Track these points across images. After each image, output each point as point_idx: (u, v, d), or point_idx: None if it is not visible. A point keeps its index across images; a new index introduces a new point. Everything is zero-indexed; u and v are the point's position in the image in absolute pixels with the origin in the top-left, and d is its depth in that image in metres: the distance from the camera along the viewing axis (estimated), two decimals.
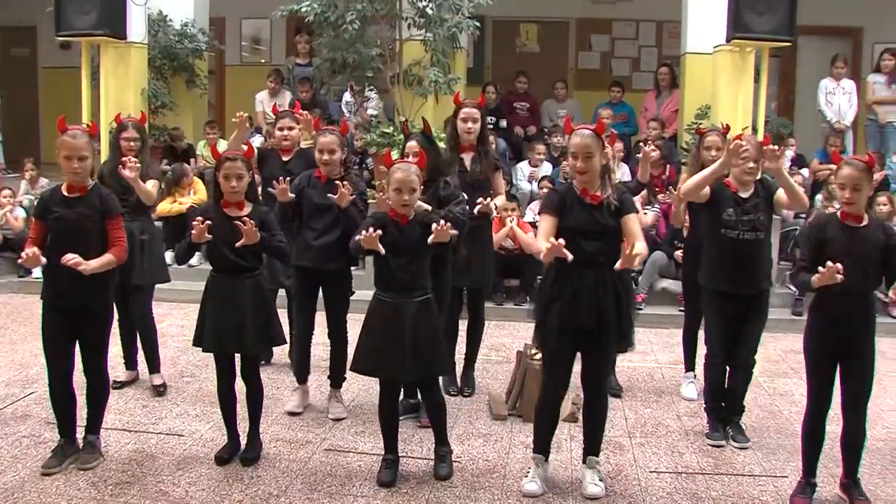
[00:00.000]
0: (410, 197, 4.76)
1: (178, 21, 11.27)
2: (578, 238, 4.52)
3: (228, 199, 4.94)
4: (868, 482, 4.93)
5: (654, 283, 9.16)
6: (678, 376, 6.72)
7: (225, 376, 5.09)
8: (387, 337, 4.75)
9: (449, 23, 9.58)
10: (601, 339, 4.64)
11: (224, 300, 4.92)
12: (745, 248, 5.40)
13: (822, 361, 4.68)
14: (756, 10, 9.03)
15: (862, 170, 4.52)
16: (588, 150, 4.53)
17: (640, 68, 14.59)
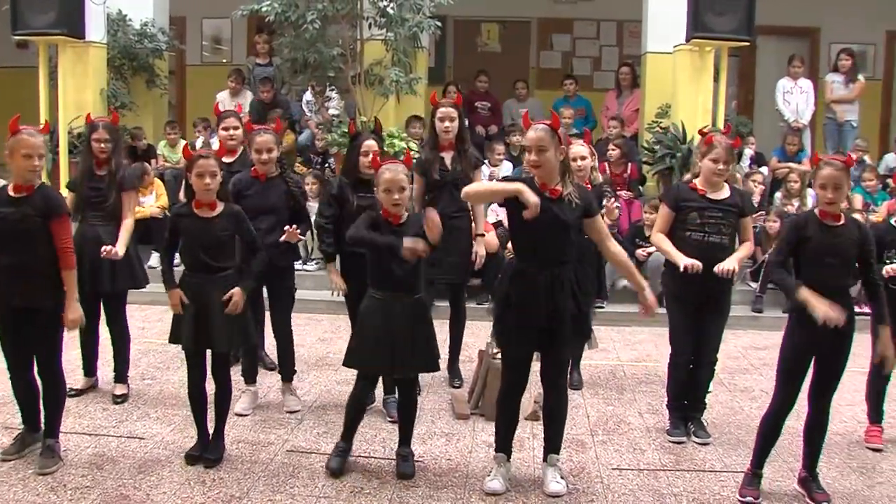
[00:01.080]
0: (401, 196, 4.77)
1: (138, 21, 11.20)
2: (533, 232, 4.57)
3: (201, 198, 4.92)
4: (826, 476, 4.99)
5: (615, 281, 9.21)
6: (640, 374, 6.77)
7: (196, 375, 5.08)
8: (381, 335, 4.78)
9: (410, 22, 9.60)
10: (559, 338, 4.67)
11: (198, 299, 4.92)
12: (710, 249, 5.42)
13: (799, 362, 4.71)
14: (715, 11, 9.13)
15: (841, 169, 4.58)
16: (541, 143, 4.55)
17: (601, 67, 14.69)
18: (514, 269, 4.69)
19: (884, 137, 13.97)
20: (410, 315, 4.81)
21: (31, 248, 4.69)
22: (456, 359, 6.65)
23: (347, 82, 9.95)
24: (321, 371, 6.86)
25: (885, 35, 14.22)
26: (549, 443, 4.92)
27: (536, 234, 4.58)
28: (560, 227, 4.59)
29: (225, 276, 4.96)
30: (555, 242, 4.60)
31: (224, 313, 4.91)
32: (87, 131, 6.09)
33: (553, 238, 4.59)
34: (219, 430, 5.15)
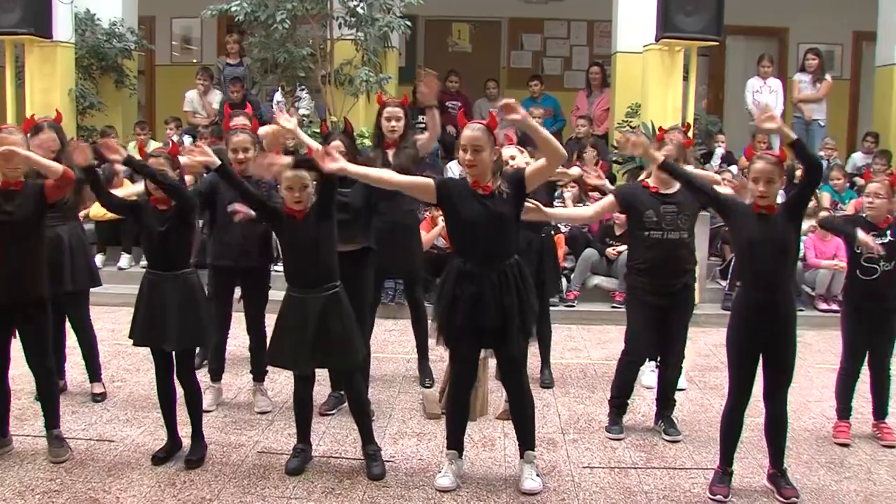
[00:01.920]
0: (301, 194, 4.78)
1: (107, 20, 11.13)
2: (471, 231, 4.60)
3: (156, 194, 4.91)
4: (795, 471, 5.04)
5: (586, 280, 9.25)
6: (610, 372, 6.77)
7: (162, 374, 5.09)
8: (294, 330, 4.81)
9: (380, 22, 9.59)
10: (506, 337, 4.68)
11: (153, 296, 4.93)
12: (668, 246, 5.47)
13: (744, 353, 4.76)
14: (684, 11, 9.16)
15: (774, 163, 4.62)
16: (477, 142, 4.56)
17: (571, 67, 14.73)
18: (457, 269, 4.68)
19: (851, 136, 14.09)
20: (321, 309, 4.80)
21: (26, 244, 4.86)
22: (425, 358, 6.66)
23: (317, 82, 9.93)
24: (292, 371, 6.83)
25: (852, 35, 14.33)
26: (521, 440, 4.94)
27: (476, 233, 4.60)
28: (498, 221, 4.61)
29: (184, 274, 4.96)
30: (497, 239, 4.63)
31: (178, 312, 4.90)
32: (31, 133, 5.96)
33: (493, 234, 4.61)
34: (196, 430, 5.14)
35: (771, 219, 4.65)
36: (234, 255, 5.80)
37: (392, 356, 7.42)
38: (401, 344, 7.78)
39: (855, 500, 4.84)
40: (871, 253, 5.43)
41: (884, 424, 5.78)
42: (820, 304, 9.28)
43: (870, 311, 5.57)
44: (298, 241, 4.85)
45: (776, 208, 4.67)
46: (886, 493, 4.94)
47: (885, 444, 5.66)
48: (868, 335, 5.63)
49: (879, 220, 5.54)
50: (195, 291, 5.01)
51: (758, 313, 4.68)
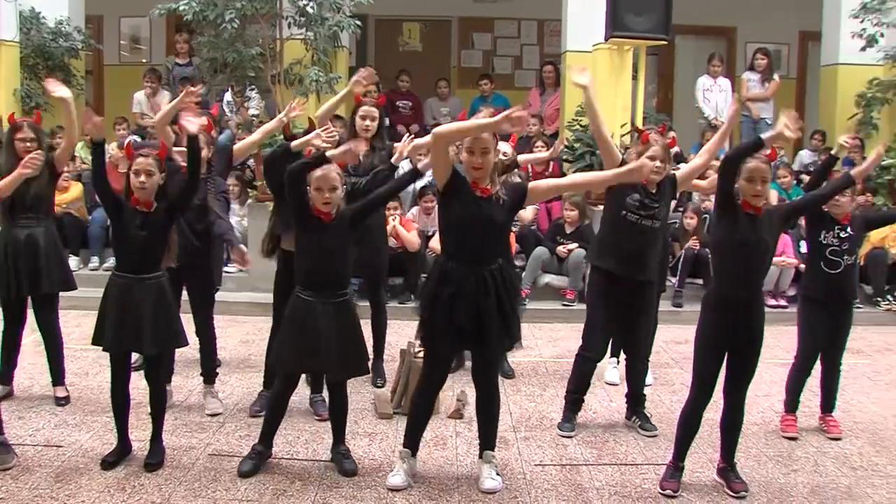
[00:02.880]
0: (331, 195, 4.75)
1: (52, 19, 10.96)
2: (463, 231, 4.61)
3: (138, 195, 4.85)
4: (744, 465, 5.10)
5: (537, 279, 9.29)
6: (562, 370, 6.82)
7: (120, 378, 5.02)
8: (305, 335, 4.79)
9: (330, 22, 9.55)
10: (486, 338, 4.70)
11: (124, 300, 4.86)
12: (642, 232, 5.50)
13: (715, 351, 4.81)
14: (633, 10, 9.22)
15: (766, 162, 4.70)
16: (485, 145, 4.58)
17: (522, 66, 14.79)
18: (441, 268, 4.70)
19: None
20: (334, 315, 4.81)
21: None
22: (379, 358, 6.66)
23: (267, 82, 9.87)
24: (243, 373, 6.80)
25: (799, 35, 14.53)
26: (483, 440, 4.96)
27: (468, 234, 4.61)
28: (492, 226, 4.64)
29: (155, 278, 4.91)
30: (485, 242, 4.65)
31: (153, 315, 4.85)
32: (9, 132, 5.89)
33: (484, 237, 4.64)
34: (157, 433, 5.10)
35: (758, 219, 4.71)
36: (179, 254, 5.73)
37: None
38: None
39: (802, 493, 4.91)
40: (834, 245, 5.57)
41: (830, 418, 5.88)
42: (768, 300, 9.39)
43: (831, 305, 5.66)
44: (322, 245, 4.80)
45: (762, 210, 4.73)
46: (832, 484, 5.03)
47: (831, 437, 5.76)
48: (825, 329, 5.71)
49: (842, 216, 5.63)
50: (167, 294, 4.97)
51: (732, 312, 4.73)
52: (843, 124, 11.12)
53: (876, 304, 9.66)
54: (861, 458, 5.46)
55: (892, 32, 10.23)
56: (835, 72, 11.36)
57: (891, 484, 5.08)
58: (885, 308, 9.59)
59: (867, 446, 5.68)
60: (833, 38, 11.39)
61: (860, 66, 10.80)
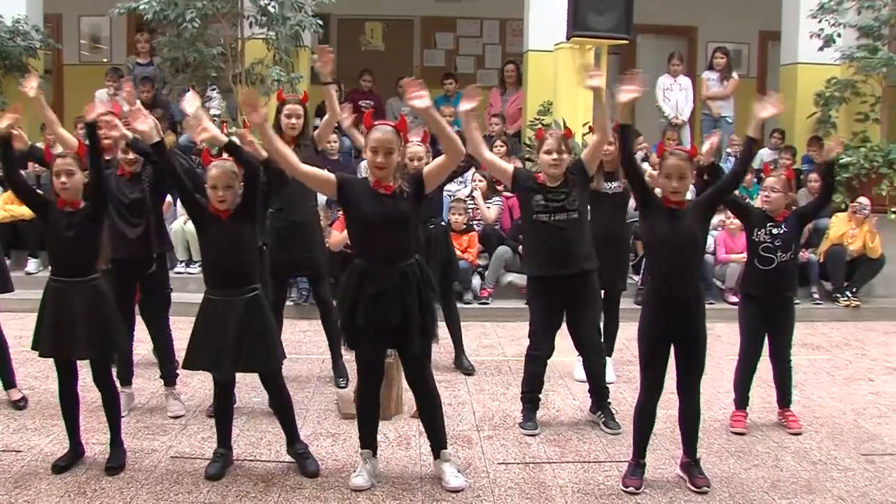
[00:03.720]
0: (225, 193, 4.74)
1: (9, 18, 10.82)
2: (372, 230, 4.61)
3: (62, 196, 4.81)
4: (706, 460, 5.13)
5: (500, 278, 9.31)
6: None
7: (65, 381, 4.99)
8: (214, 334, 4.77)
9: (292, 21, 9.54)
10: (407, 336, 4.70)
11: (59, 304, 4.81)
12: (559, 230, 5.52)
13: (656, 347, 4.84)
14: (595, 9, 9.27)
15: (685, 159, 4.73)
16: (389, 144, 4.58)
17: (484, 66, 14.81)
18: (359, 269, 4.69)
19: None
20: (242, 313, 4.77)
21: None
22: (338, 356, 6.64)
23: (229, 82, 9.83)
24: (205, 375, 6.64)
25: (759, 35, 14.67)
26: (433, 440, 4.97)
27: (378, 233, 4.62)
28: (401, 221, 4.64)
29: (91, 281, 4.86)
30: (398, 239, 4.65)
31: (88, 320, 4.80)
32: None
33: (393, 234, 4.63)
34: (115, 436, 5.06)
35: (680, 213, 4.74)
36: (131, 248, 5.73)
37: (306, 356, 7.39)
38: (315, 344, 7.74)
39: (763, 487, 4.96)
40: (767, 242, 5.63)
41: (789, 412, 5.95)
42: (730, 297, 9.48)
43: (766, 300, 5.73)
44: (220, 242, 4.79)
45: (686, 203, 4.77)
46: (792, 478, 5.09)
47: (791, 432, 5.82)
48: (765, 324, 5.78)
49: (777, 213, 5.71)
50: (104, 297, 4.91)
51: (668, 306, 4.78)
52: (803, 123, 11.24)
53: (835, 301, 9.78)
54: (820, 452, 5.53)
55: (848, 33, 10.35)
56: (794, 71, 11.48)
57: (850, 477, 5.14)
58: (844, 304, 9.71)
59: (826, 440, 5.74)
60: (792, 37, 11.51)
61: (818, 66, 10.92)
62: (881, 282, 10.10)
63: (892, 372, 7.55)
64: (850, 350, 8.36)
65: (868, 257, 9.77)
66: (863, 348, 8.45)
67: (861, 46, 10.34)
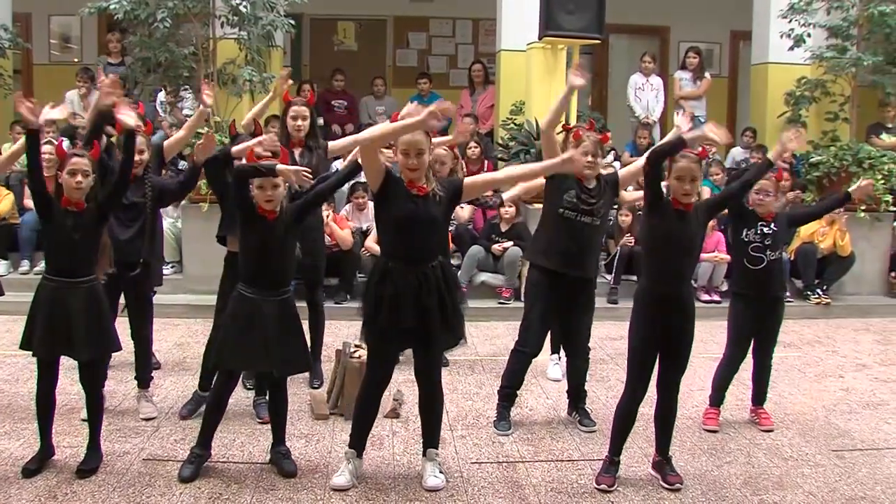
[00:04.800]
0: (273, 193, 4.76)
1: None
2: (403, 230, 4.61)
3: (69, 195, 4.75)
4: (678, 458, 5.18)
5: (473, 277, 9.32)
6: (498, 368, 6.84)
7: (47, 383, 4.94)
8: (248, 332, 4.79)
9: (264, 21, 9.49)
10: (428, 339, 4.71)
11: (56, 304, 4.76)
12: (581, 230, 5.54)
13: (649, 346, 4.86)
14: (567, 9, 9.28)
15: (696, 161, 4.78)
16: (420, 146, 4.59)
17: (457, 65, 14.81)
18: (382, 268, 4.70)
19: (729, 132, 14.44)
20: (277, 313, 4.81)
21: None
22: (317, 359, 6.62)
23: (201, 82, 9.76)
24: (178, 376, 6.73)
25: (730, 35, 14.76)
26: (427, 438, 4.98)
27: (407, 233, 4.62)
28: (430, 223, 4.66)
29: (88, 282, 4.83)
30: (425, 240, 4.66)
31: (86, 320, 4.77)
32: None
33: (423, 235, 4.65)
34: (94, 439, 5.03)
35: (687, 215, 4.78)
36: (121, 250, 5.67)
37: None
38: None
39: (735, 484, 5.00)
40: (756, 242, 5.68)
41: (762, 410, 5.99)
42: (702, 296, 9.54)
43: (756, 299, 5.76)
44: (266, 243, 4.80)
45: (692, 206, 4.80)
46: (764, 475, 5.13)
47: (763, 429, 5.87)
48: (754, 323, 5.81)
49: (765, 214, 5.75)
50: (101, 298, 4.89)
51: (665, 306, 4.80)
52: (774, 122, 11.31)
53: (806, 298, 9.86)
54: (792, 449, 5.57)
55: (818, 33, 10.43)
56: (765, 70, 11.54)
57: (820, 473, 5.19)
58: (815, 301, 9.78)
59: (797, 437, 5.79)
60: (763, 37, 11.58)
61: (789, 66, 10.99)
62: (851, 279, 10.21)
63: (862, 369, 7.63)
64: (821, 347, 8.44)
65: (838, 255, 9.86)
66: (833, 345, 8.53)
67: (830, 46, 10.41)
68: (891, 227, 10.47)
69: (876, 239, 10.36)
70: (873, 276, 10.41)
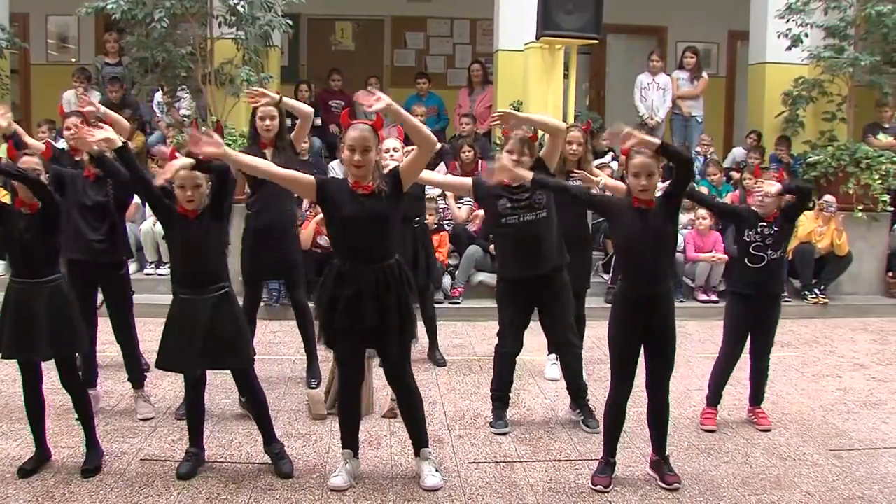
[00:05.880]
0: (194, 192, 4.76)
1: None
2: (352, 231, 4.62)
3: (22, 196, 4.78)
4: (676, 458, 5.17)
5: (470, 277, 9.32)
6: None
7: (29, 382, 4.96)
8: (184, 333, 4.79)
9: (261, 21, 9.48)
10: (387, 337, 4.70)
11: (20, 305, 4.79)
12: (527, 229, 5.54)
13: (626, 345, 4.88)
14: (564, 9, 9.26)
15: (651, 157, 4.73)
16: (366, 143, 4.58)
17: (454, 65, 14.78)
18: (337, 269, 4.69)
19: (728, 132, 14.52)
20: (210, 311, 4.79)
21: None
22: (314, 359, 6.63)
23: (198, 82, 9.77)
24: (175, 376, 6.63)
25: (728, 34, 14.75)
26: (414, 438, 4.98)
27: (355, 233, 4.62)
28: (377, 221, 4.64)
29: (52, 282, 4.83)
30: (377, 239, 4.65)
31: (49, 320, 4.78)
32: None
33: (374, 234, 4.64)
34: (90, 438, 5.03)
35: (650, 212, 4.76)
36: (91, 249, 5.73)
37: (277, 358, 7.37)
38: (286, 345, 7.74)
39: (733, 483, 5.00)
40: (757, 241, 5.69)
41: (759, 410, 5.99)
42: (699, 296, 9.55)
43: (756, 298, 5.76)
44: (189, 242, 4.80)
45: (654, 202, 4.78)
46: (762, 475, 5.13)
47: (761, 429, 5.86)
48: (752, 323, 5.81)
49: (768, 214, 5.75)
50: (65, 298, 4.89)
51: (639, 305, 4.80)
52: (771, 122, 11.31)
53: (804, 298, 9.86)
54: (789, 449, 5.57)
55: (815, 33, 10.43)
56: (762, 70, 11.54)
57: (818, 473, 5.19)
58: (813, 301, 9.79)
59: (795, 437, 5.79)
60: (760, 37, 11.57)
61: (786, 65, 10.98)
62: (849, 279, 10.22)
63: (860, 368, 7.63)
64: (819, 347, 8.44)
65: (836, 255, 9.87)
66: (831, 345, 8.53)
67: (828, 46, 10.41)
68: (888, 227, 10.48)
69: (873, 239, 10.37)
70: (871, 275, 10.42)
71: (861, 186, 10.10)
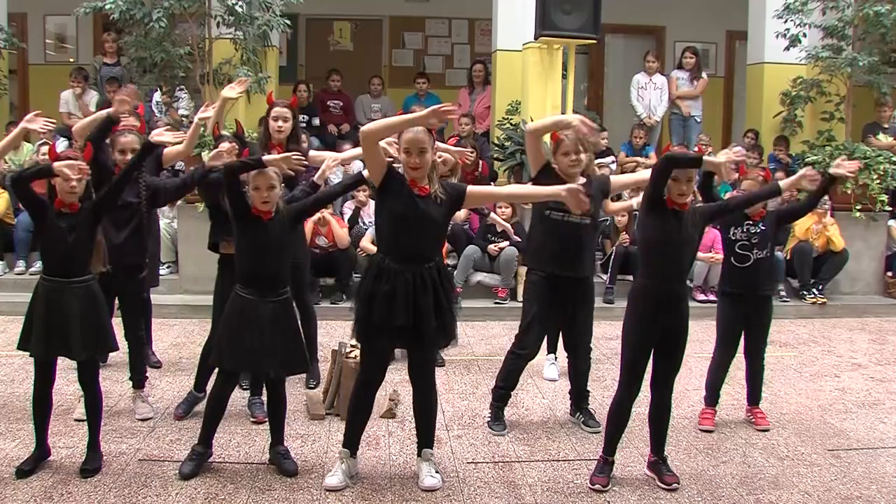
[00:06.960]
0: (269, 194, 4.77)
1: None
2: (399, 228, 4.62)
3: (63, 198, 4.75)
4: (674, 458, 5.18)
5: (468, 277, 9.32)
6: (494, 368, 6.84)
7: (43, 383, 4.93)
8: (246, 333, 4.80)
9: (259, 21, 9.49)
10: (421, 337, 4.70)
11: (53, 304, 4.75)
12: (571, 230, 5.54)
13: (644, 344, 4.87)
14: (563, 9, 9.27)
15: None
16: (422, 144, 4.59)
17: (453, 65, 14.81)
18: (378, 265, 4.69)
19: (726, 132, 14.54)
20: (276, 314, 4.83)
21: None
22: (314, 360, 6.60)
23: (196, 82, 9.76)
24: (174, 377, 6.73)
25: (726, 34, 14.77)
26: (422, 438, 4.98)
27: (405, 231, 4.62)
28: (430, 224, 4.66)
29: (85, 282, 4.82)
30: (422, 240, 4.66)
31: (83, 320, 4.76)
32: None
33: (421, 236, 4.65)
34: (94, 439, 5.02)
35: (684, 215, 4.79)
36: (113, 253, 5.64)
37: None
38: None
39: (731, 483, 5.00)
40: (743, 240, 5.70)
41: (757, 409, 5.99)
42: (698, 295, 9.55)
43: (744, 298, 5.76)
44: (262, 244, 4.82)
45: (688, 206, 4.81)
46: (760, 474, 5.13)
47: (759, 429, 5.87)
48: (742, 322, 5.82)
49: (755, 213, 5.74)
50: (97, 298, 4.88)
51: (661, 305, 4.81)
52: (770, 121, 11.32)
53: (802, 298, 9.87)
54: (787, 448, 5.58)
55: (813, 33, 10.44)
56: (760, 70, 11.55)
57: (816, 472, 5.20)
58: (811, 301, 9.80)
59: (793, 436, 5.79)
60: (758, 37, 11.59)
61: (784, 65, 11.00)
62: (847, 279, 10.23)
63: (858, 368, 7.64)
64: (817, 347, 8.44)
65: (832, 252, 9.87)
66: (829, 345, 8.53)
67: (826, 46, 10.43)
68: (886, 226, 10.49)
69: (872, 239, 10.39)
70: (869, 275, 10.44)
71: (859, 186, 10.11)
